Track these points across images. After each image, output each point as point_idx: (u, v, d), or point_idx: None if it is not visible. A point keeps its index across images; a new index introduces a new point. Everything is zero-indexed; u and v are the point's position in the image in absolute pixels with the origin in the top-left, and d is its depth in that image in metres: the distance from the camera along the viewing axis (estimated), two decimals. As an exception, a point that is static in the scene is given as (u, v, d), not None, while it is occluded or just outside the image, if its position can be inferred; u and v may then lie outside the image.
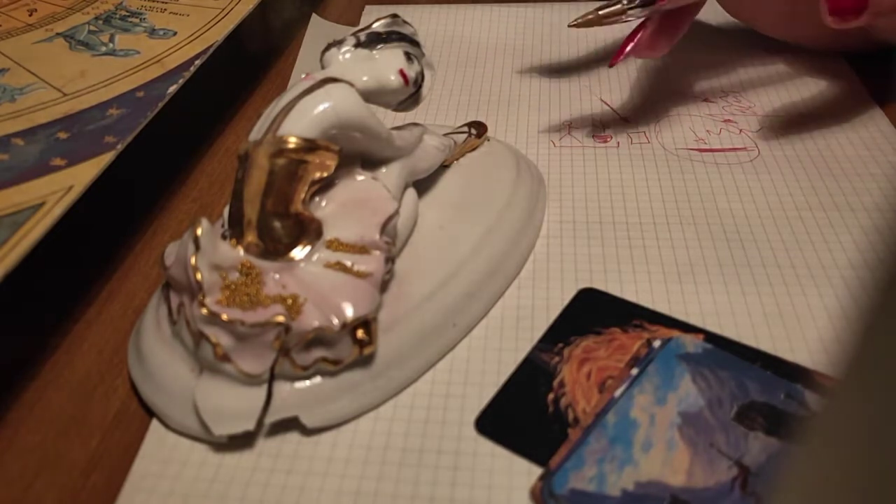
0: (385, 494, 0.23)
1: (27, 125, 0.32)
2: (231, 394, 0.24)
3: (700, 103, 0.40)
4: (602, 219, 0.33)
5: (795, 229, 0.31)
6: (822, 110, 0.39)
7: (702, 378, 0.25)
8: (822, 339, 0.27)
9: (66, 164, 0.29)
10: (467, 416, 0.25)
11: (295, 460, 0.24)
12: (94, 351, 0.28)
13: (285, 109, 0.25)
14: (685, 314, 0.28)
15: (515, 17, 0.49)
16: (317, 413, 0.24)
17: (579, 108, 0.40)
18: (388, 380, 0.25)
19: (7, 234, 0.26)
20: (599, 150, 0.37)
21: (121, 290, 0.31)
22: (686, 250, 0.31)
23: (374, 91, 0.27)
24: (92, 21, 0.41)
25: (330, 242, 0.25)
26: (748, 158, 0.36)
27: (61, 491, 0.24)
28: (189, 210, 0.35)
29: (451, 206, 0.31)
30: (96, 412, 0.26)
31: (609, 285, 0.29)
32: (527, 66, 0.44)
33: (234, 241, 0.25)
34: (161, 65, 0.36)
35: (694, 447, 0.23)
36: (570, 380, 0.25)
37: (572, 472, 0.22)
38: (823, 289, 0.29)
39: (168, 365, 0.25)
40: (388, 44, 0.28)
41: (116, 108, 0.33)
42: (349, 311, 0.24)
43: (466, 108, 0.41)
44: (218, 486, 0.23)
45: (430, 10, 0.50)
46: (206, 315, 0.23)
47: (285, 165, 0.24)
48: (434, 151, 0.30)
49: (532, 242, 0.31)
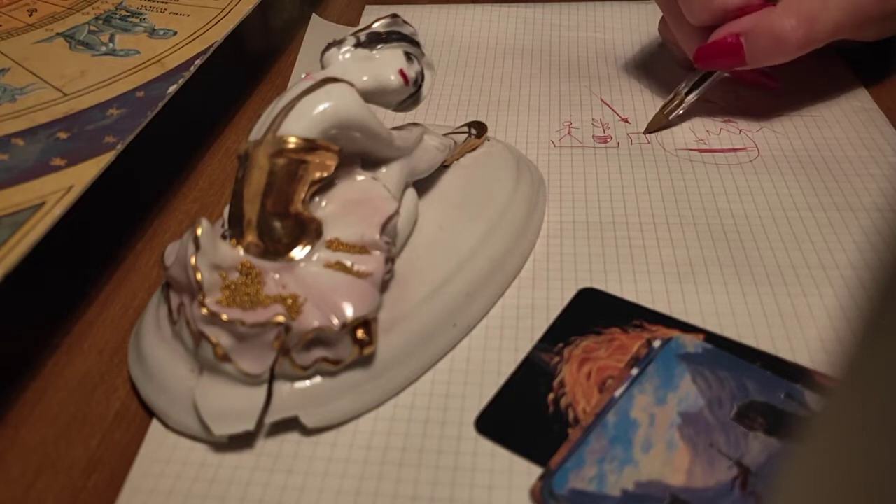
0: (385, 494, 0.23)
1: (27, 125, 0.32)
2: (231, 394, 0.24)
3: (700, 103, 0.40)
4: (602, 219, 0.33)
5: (795, 229, 0.31)
6: (822, 110, 0.39)
7: (702, 378, 0.25)
8: (822, 339, 0.27)
9: (66, 164, 0.29)
10: (467, 416, 0.25)
11: (295, 460, 0.24)
12: (94, 351, 0.28)
13: (285, 109, 0.25)
14: (685, 314, 0.28)
15: (515, 17, 0.49)
16: (317, 413, 0.24)
17: (579, 108, 0.40)
18: (388, 380, 0.25)
19: (7, 234, 0.26)
20: (599, 150, 0.37)
21: (121, 290, 0.31)
22: (686, 250, 0.31)
23: (374, 91, 0.27)
24: (92, 21, 0.41)
25: (330, 242, 0.25)
26: (748, 158, 0.36)
27: (62, 491, 0.24)
28: (189, 210, 0.35)
29: (451, 206, 0.31)
30: (96, 412, 0.26)
31: (609, 285, 0.29)
32: (527, 66, 0.44)
33: (234, 241, 0.25)
34: (161, 65, 0.36)
35: (694, 447, 0.23)
36: (570, 380, 0.25)
37: (572, 472, 0.22)
38: (823, 289, 0.29)
39: (168, 365, 0.25)
40: (388, 44, 0.28)
41: (116, 108, 0.33)
42: (349, 311, 0.24)
43: (466, 108, 0.41)
44: (218, 486, 0.23)
45: (430, 10, 0.50)
46: (206, 315, 0.23)
47: (285, 165, 0.24)
48: (434, 151, 0.30)
49: (532, 242, 0.31)
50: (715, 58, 0.36)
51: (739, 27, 0.35)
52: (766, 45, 0.34)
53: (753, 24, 0.34)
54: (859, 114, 0.39)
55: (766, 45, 0.34)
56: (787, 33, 0.33)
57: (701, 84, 0.37)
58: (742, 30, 0.35)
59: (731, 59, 0.35)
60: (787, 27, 0.33)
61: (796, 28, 0.33)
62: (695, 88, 0.38)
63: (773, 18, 0.34)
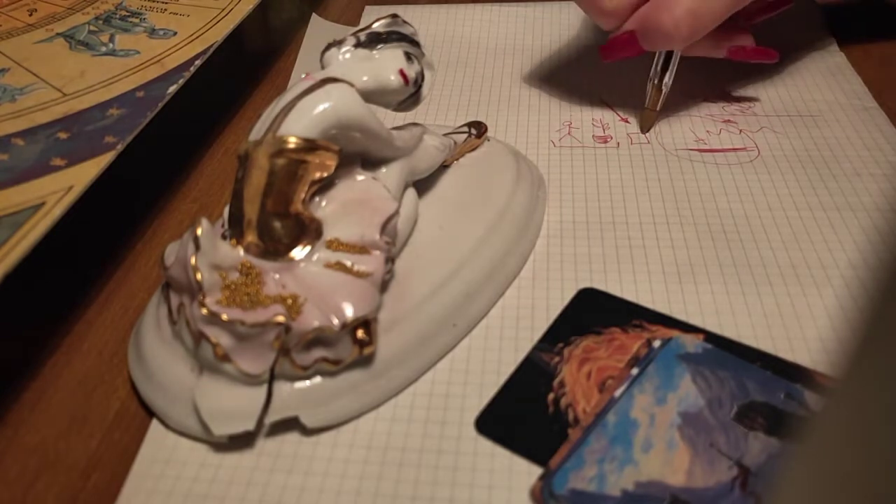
0: (385, 494, 0.23)
1: (27, 125, 0.32)
2: (231, 394, 0.24)
3: (700, 103, 0.40)
4: (602, 219, 0.33)
5: (795, 229, 0.31)
6: (822, 110, 0.39)
7: (702, 378, 0.25)
8: (822, 339, 0.27)
9: (66, 164, 0.29)
10: (467, 416, 0.25)
11: (295, 460, 0.24)
12: (94, 351, 0.28)
13: (285, 109, 0.25)
14: (685, 314, 0.28)
15: (515, 17, 0.49)
16: (317, 413, 0.24)
17: (579, 108, 0.40)
18: (388, 380, 0.25)
19: (7, 234, 0.26)
20: (599, 150, 0.37)
21: (121, 290, 0.31)
22: (686, 250, 0.31)
23: (374, 91, 0.27)
24: (92, 21, 0.41)
25: (330, 242, 0.25)
26: (748, 158, 0.36)
27: (61, 491, 0.24)
28: (189, 210, 0.35)
29: (451, 206, 0.31)
30: (96, 412, 0.26)
31: (609, 285, 0.29)
32: (527, 66, 0.44)
33: (234, 241, 0.25)
34: (161, 65, 0.36)
35: (694, 447, 0.23)
36: (570, 380, 0.25)
37: (572, 472, 0.22)
38: (823, 289, 0.29)
39: (168, 365, 0.25)
40: (388, 44, 0.28)
41: (116, 108, 0.33)
42: (349, 311, 0.24)
43: (466, 108, 0.41)
44: (218, 486, 0.23)
45: (430, 10, 0.50)
46: (206, 315, 0.23)
47: (285, 165, 0.24)
48: (434, 151, 0.30)
49: (532, 242, 0.31)
50: (616, 51, 0.37)
51: (631, 24, 0.36)
52: (655, 38, 0.35)
53: (641, 21, 0.35)
54: (860, 113, 0.39)
55: (656, 39, 0.35)
56: (672, 30, 0.34)
57: (667, 67, 0.37)
58: (633, 27, 0.36)
59: (630, 51, 0.36)
60: (671, 24, 0.34)
61: (680, 25, 0.34)
62: (664, 72, 0.37)
63: (657, 15, 0.34)
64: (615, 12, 0.36)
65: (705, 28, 0.35)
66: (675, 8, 0.34)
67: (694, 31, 0.34)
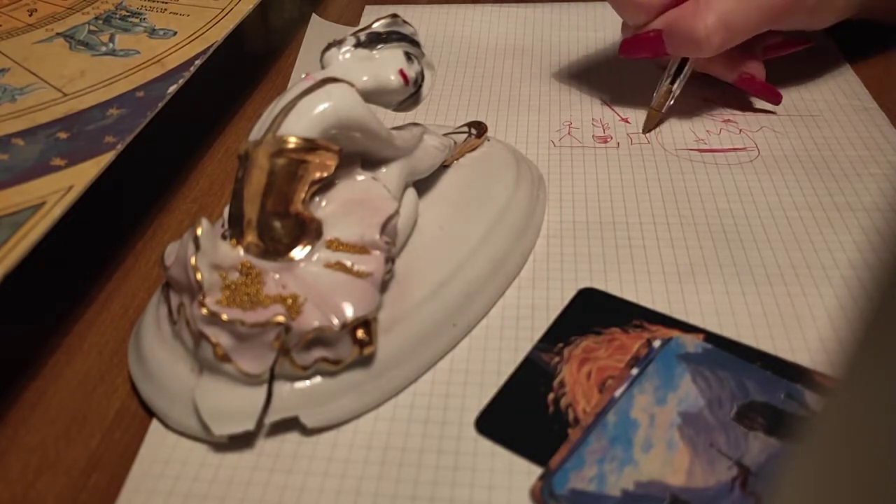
0: (385, 494, 0.23)
1: (27, 125, 0.32)
2: (231, 394, 0.24)
3: (700, 103, 0.40)
4: (602, 219, 0.33)
5: (795, 229, 0.31)
6: (822, 110, 0.39)
7: (702, 378, 0.25)
8: (822, 339, 0.27)
9: (66, 164, 0.29)
10: (467, 416, 0.25)
11: (295, 460, 0.24)
12: (94, 351, 0.28)
13: (285, 109, 0.25)
14: (685, 314, 0.28)
15: (515, 17, 0.49)
16: (317, 413, 0.24)
17: (579, 108, 0.40)
18: (388, 380, 0.25)
19: (7, 234, 0.26)
20: (599, 150, 0.37)
21: (121, 290, 0.31)
22: (686, 250, 0.31)
23: (374, 91, 0.27)
24: (92, 21, 0.41)
25: (330, 242, 0.25)
26: (748, 158, 0.36)
27: (61, 491, 0.24)
28: (189, 210, 0.35)
29: (451, 206, 0.31)
30: (96, 412, 0.26)
31: (609, 285, 0.29)
32: (527, 66, 0.44)
33: (234, 241, 0.25)
34: (161, 65, 0.36)
35: (694, 447, 0.23)
36: (570, 380, 0.25)
37: (572, 472, 0.22)
38: (823, 289, 0.29)
39: (168, 365, 0.25)
40: (388, 44, 0.28)
41: (116, 108, 0.33)
42: (349, 311, 0.24)
43: (466, 108, 0.41)
44: (218, 486, 0.23)
45: (430, 10, 0.50)
46: (206, 315, 0.23)
47: (285, 165, 0.24)
48: (434, 151, 0.30)
49: (532, 242, 0.31)
50: (638, 49, 0.37)
51: (660, 23, 0.36)
52: (684, 43, 0.35)
53: (672, 22, 0.35)
54: (860, 113, 0.39)
55: (684, 44, 0.35)
56: (703, 38, 0.34)
57: (680, 73, 0.37)
58: (662, 26, 0.35)
59: (651, 51, 0.36)
60: (702, 32, 0.34)
61: (711, 34, 0.34)
62: (676, 77, 0.38)
63: (690, 20, 0.34)
64: (646, 5, 0.36)
65: (734, 41, 0.34)
66: (709, 16, 0.34)
67: (724, 42, 0.34)
